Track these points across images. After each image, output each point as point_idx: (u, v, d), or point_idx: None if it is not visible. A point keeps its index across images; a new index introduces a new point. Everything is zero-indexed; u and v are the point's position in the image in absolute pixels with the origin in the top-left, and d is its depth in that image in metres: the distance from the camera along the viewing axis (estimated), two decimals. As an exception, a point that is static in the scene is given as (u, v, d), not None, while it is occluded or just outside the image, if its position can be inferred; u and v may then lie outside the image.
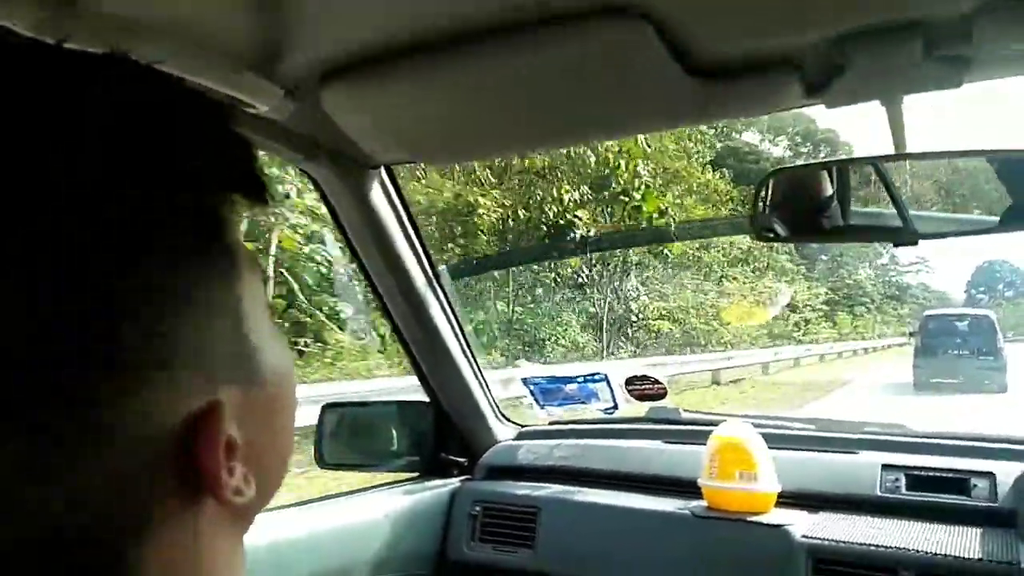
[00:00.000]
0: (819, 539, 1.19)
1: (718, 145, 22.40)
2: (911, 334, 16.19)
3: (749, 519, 1.28)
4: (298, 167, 1.30)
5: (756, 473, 1.32)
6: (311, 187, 1.46)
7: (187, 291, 0.33)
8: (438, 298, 1.50)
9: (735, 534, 1.27)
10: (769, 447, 1.34)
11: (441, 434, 1.64)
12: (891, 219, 0.91)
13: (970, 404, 10.13)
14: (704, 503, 1.36)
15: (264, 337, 0.38)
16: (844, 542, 1.17)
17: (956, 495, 1.24)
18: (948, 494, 1.24)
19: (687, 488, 1.40)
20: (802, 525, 1.23)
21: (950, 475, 1.27)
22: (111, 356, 0.30)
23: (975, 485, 1.23)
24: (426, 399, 1.64)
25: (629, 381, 1.63)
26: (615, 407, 1.63)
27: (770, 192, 0.93)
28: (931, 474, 1.28)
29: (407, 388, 2.34)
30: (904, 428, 1.53)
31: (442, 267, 1.49)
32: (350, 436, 1.58)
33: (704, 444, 1.40)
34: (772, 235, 0.99)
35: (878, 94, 0.74)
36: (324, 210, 1.43)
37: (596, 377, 1.60)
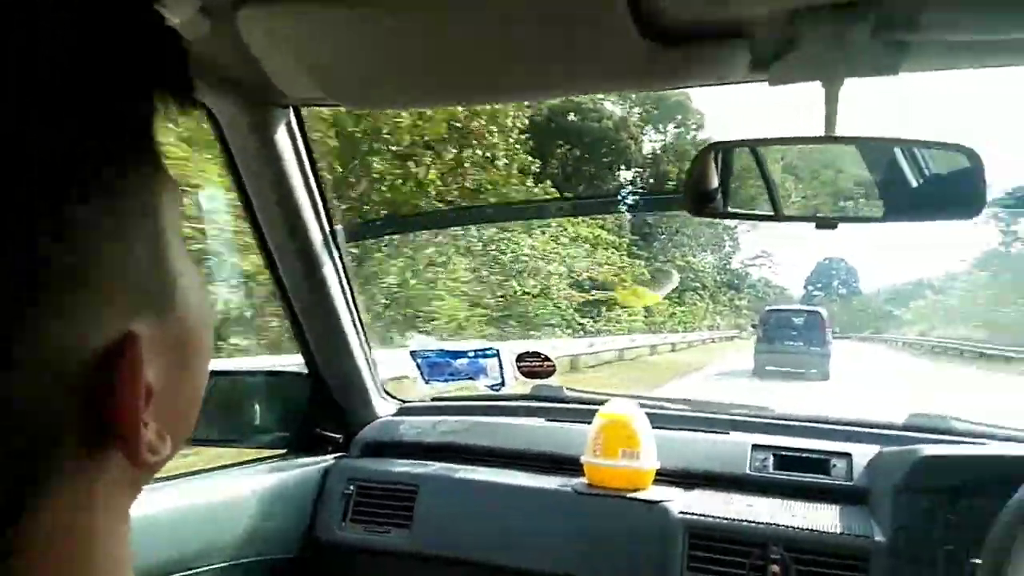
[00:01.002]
0: (695, 515, 1.23)
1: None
2: (753, 326, 17.90)
3: (629, 496, 1.30)
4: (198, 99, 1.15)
5: (639, 451, 1.34)
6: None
7: (107, 205, 0.27)
8: (332, 259, 1.40)
9: (615, 510, 1.29)
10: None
11: (317, 408, 1.55)
12: (811, 201, 0.93)
13: (799, 389, 11.32)
14: (585, 480, 1.37)
15: (182, 264, 0.32)
16: (718, 518, 1.21)
17: (818, 474, 1.32)
18: (811, 473, 1.32)
19: (569, 466, 1.40)
20: (679, 502, 1.27)
21: (813, 455, 1.35)
22: (22, 274, 0.25)
23: (834, 465, 1.32)
24: (301, 370, 1.54)
25: (520, 358, 1.61)
26: (502, 384, 1.61)
27: (706, 166, 0.92)
28: (796, 454, 1.36)
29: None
30: (771, 410, 1.62)
31: (339, 226, 1.38)
32: (216, 408, 1.45)
33: (587, 423, 1.41)
34: (706, 211, 0.99)
35: (821, 74, 0.75)
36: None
37: (488, 352, 1.57)
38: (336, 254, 1.41)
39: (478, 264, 11.59)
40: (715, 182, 0.93)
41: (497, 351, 1.58)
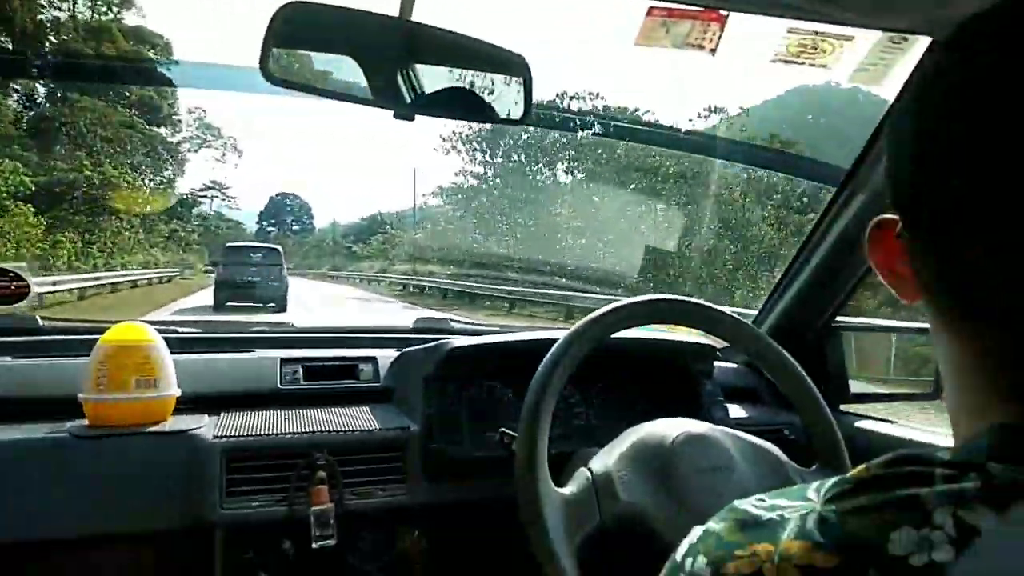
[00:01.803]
0: (230, 437, 1.13)
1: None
2: (214, 263, 17.53)
3: (149, 430, 1.11)
4: None
5: (156, 378, 1.15)
6: None
7: None
8: None
9: (132, 449, 1.09)
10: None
11: None
12: (399, 87, 0.89)
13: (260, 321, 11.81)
14: (86, 421, 1.11)
15: None
16: (256, 435, 1.14)
17: (348, 380, 1.35)
18: (341, 380, 1.35)
19: (62, 408, 1.12)
20: (209, 427, 1.14)
21: (341, 363, 1.38)
22: None
23: (362, 369, 1.38)
24: None
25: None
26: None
27: (279, 27, 0.79)
28: (325, 364, 1.37)
29: None
30: (291, 325, 1.58)
31: None
32: None
33: (81, 356, 1.14)
34: (278, 77, 0.85)
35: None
36: None
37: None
38: None
39: None
40: (291, 46, 0.82)
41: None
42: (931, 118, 0.42)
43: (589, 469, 1.01)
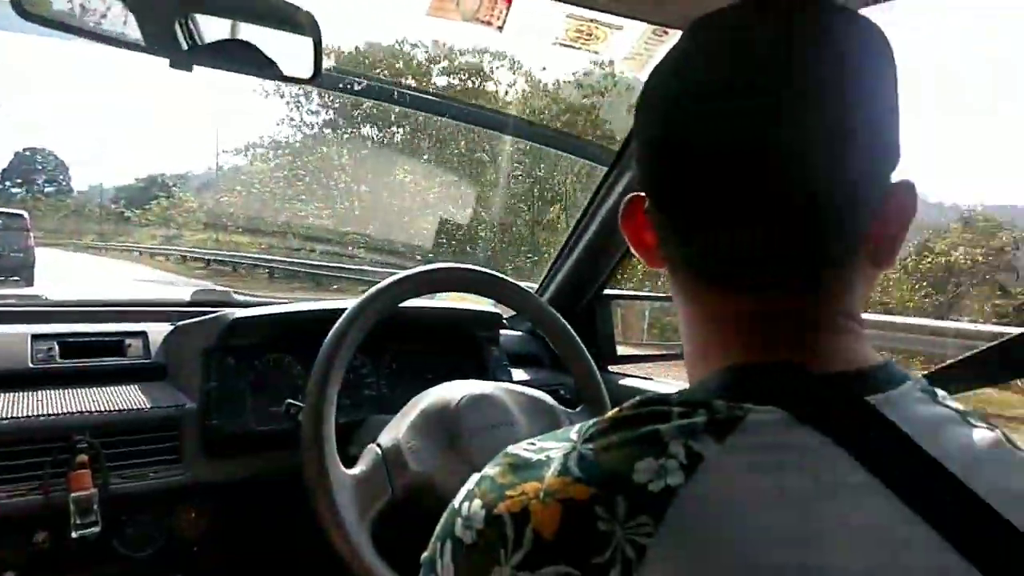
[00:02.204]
0: None
1: None
2: None
3: None
4: None
5: None
6: None
7: None
8: None
9: None
10: None
11: None
12: (175, 35, 0.81)
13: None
14: None
15: None
16: (3, 419, 1.01)
17: (113, 356, 1.24)
18: (106, 357, 1.23)
19: None
20: None
21: (104, 339, 1.26)
22: None
23: (129, 345, 1.27)
24: None
25: None
26: None
27: None
28: (85, 339, 1.24)
29: None
30: (43, 298, 1.41)
31: None
32: None
33: None
34: (32, 15, 0.73)
35: None
36: None
37: None
38: None
39: None
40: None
41: None
42: (659, 113, 0.48)
43: (378, 444, 1.02)
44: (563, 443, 0.44)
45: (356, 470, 0.98)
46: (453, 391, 1.09)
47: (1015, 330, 0.93)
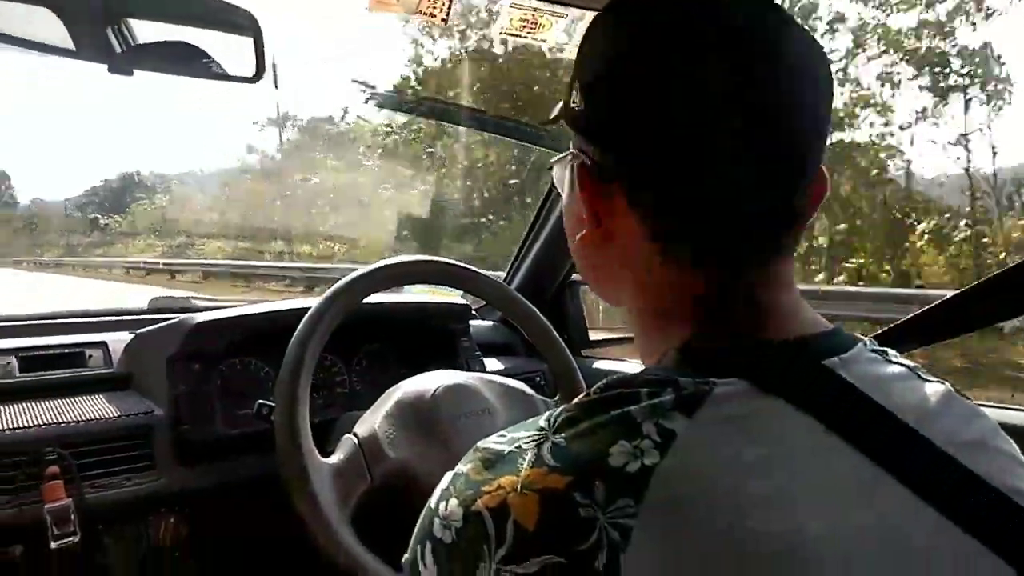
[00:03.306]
0: None
1: None
2: None
3: None
4: None
5: None
6: None
7: None
8: None
9: None
10: None
11: None
12: (108, 39, 0.79)
13: None
14: None
15: None
16: None
17: (75, 368, 1.23)
18: (67, 369, 1.22)
19: None
20: None
21: (65, 351, 1.24)
22: None
23: (91, 356, 1.25)
24: None
25: None
26: None
27: None
28: (44, 352, 1.22)
29: None
30: (-2, 312, 1.38)
31: None
32: None
33: None
34: None
35: None
36: None
37: None
38: None
39: None
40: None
41: None
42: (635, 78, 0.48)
43: (354, 434, 1.02)
44: (534, 432, 0.44)
45: (333, 459, 0.98)
46: (428, 381, 1.09)
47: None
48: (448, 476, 0.47)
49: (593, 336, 1.80)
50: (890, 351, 0.51)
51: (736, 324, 0.48)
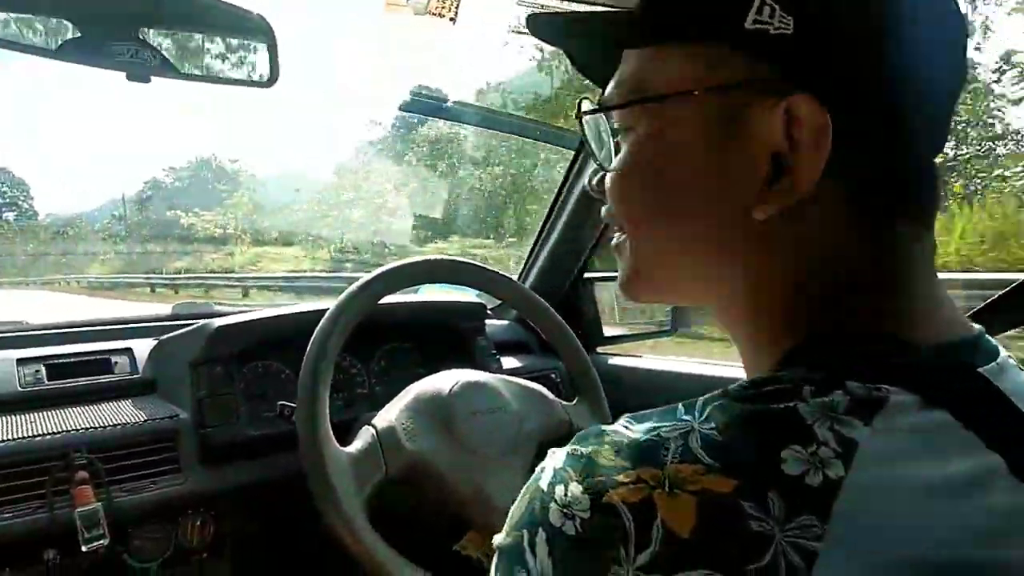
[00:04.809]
0: None
1: None
2: None
3: None
4: None
5: None
6: None
7: None
8: None
9: None
10: None
11: None
12: (128, 48, 0.82)
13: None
14: None
15: None
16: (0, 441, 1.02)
17: (100, 375, 1.25)
18: (93, 376, 1.24)
19: None
20: None
21: (91, 358, 1.27)
22: None
23: (116, 362, 1.28)
24: None
25: None
26: None
27: None
28: (71, 360, 1.25)
29: None
30: (23, 323, 1.41)
31: None
32: None
33: None
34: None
35: None
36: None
37: None
38: None
39: None
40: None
41: None
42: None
43: (373, 425, 1.05)
44: (673, 421, 0.38)
45: (351, 448, 1.01)
46: (446, 379, 1.12)
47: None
48: (559, 456, 0.40)
49: (608, 332, 1.80)
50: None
51: (881, 320, 0.41)
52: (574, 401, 1.26)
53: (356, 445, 1.02)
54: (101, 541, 0.99)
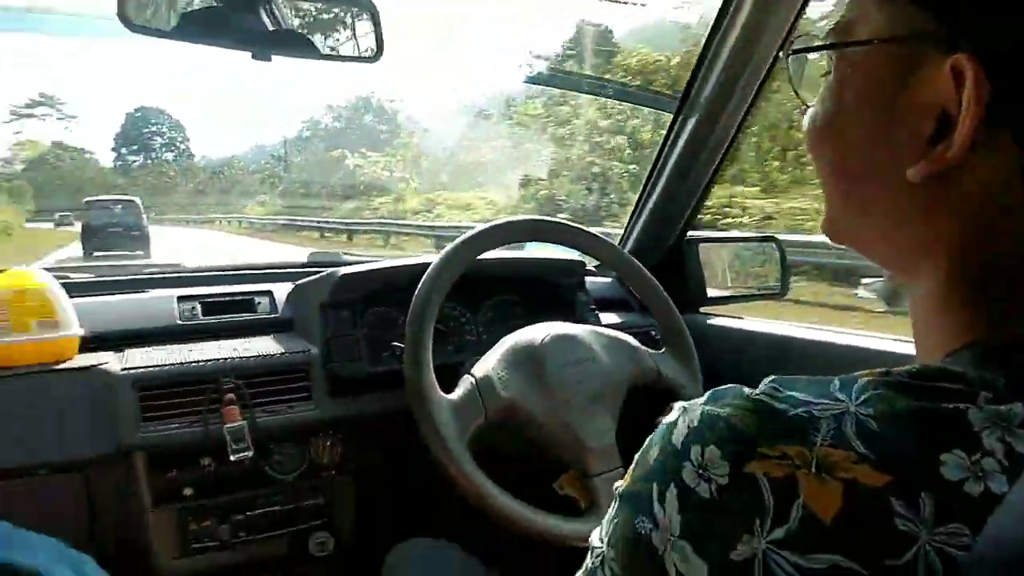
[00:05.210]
0: (138, 368, 1.19)
1: None
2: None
3: (56, 367, 1.16)
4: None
5: (57, 319, 1.19)
6: None
7: None
8: None
9: (44, 386, 1.14)
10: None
11: None
12: (258, 26, 0.92)
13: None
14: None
15: None
16: (164, 366, 1.21)
17: (246, 313, 1.43)
18: (240, 313, 1.42)
19: None
20: (115, 362, 1.20)
21: (238, 298, 1.45)
22: None
23: (259, 303, 1.46)
24: None
25: None
26: None
27: None
28: (221, 299, 1.43)
29: None
30: (182, 266, 1.62)
31: None
32: None
33: None
34: (136, 25, 0.87)
35: None
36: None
37: None
38: None
39: None
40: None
41: None
42: None
43: (472, 375, 1.17)
44: (827, 401, 0.36)
45: (454, 395, 1.14)
46: (539, 330, 1.22)
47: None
48: (694, 413, 0.39)
49: (712, 293, 1.82)
50: None
51: None
52: (661, 350, 1.33)
53: (457, 392, 1.14)
54: (247, 453, 1.16)
